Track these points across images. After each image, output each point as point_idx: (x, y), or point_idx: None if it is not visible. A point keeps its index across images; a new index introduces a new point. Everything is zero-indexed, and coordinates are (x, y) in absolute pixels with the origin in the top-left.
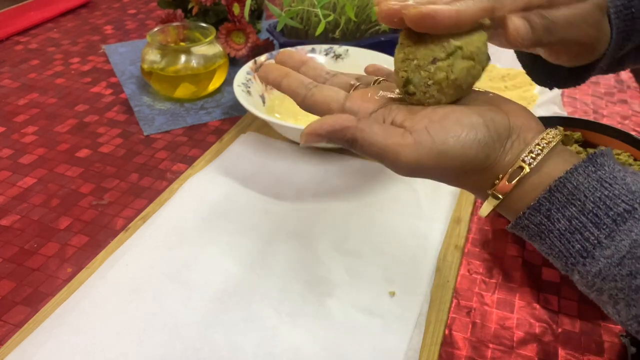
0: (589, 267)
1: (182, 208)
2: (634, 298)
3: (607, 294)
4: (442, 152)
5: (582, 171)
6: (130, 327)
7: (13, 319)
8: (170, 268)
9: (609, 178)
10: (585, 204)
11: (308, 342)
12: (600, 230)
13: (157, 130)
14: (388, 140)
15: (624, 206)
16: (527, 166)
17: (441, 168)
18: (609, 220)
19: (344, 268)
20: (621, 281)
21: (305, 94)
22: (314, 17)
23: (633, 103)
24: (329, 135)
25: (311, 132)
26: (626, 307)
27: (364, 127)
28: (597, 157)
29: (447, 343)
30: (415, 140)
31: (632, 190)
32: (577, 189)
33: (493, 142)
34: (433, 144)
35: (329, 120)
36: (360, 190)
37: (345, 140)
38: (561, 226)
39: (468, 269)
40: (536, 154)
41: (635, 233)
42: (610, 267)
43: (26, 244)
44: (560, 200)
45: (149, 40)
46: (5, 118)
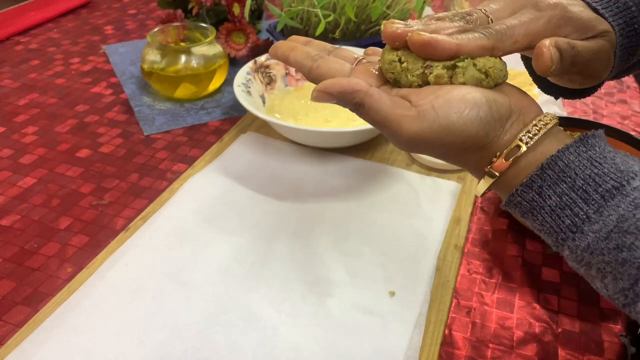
0: (578, 241)
1: (182, 208)
2: (620, 271)
3: (595, 268)
4: (445, 126)
5: (574, 150)
6: (130, 327)
7: (13, 319)
8: (170, 268)
9: (599, 157)
10: (575, 181)
11: (308, 342)
12: (589, 206)
13: (157, 130)
14: (393, 109)
15: (612, 183)
16: (524, 145)
17: (442, 143)
18: (597, 196)
19: (344, 268)
20: (608, 254)
21: (311, 66)
22: (314, 17)
23: (633, 103)
24: (339, 96)
25: (323, 89)
26: (613, 281)
27: (373, 93)
28: (589, 138)
29: (447, 343)
30: (419, 113)
31: (621, 169)
32: (568, 166)
33: (494, 121)
34: (436, 118)
35: (342, 81)
36: (360, 190)
37: (353, 103)
38: (552, 202)
39: (468, 269)
40: (533, 133)
41: (622, 208)
42: (598, 241)
43: (26, 244)
44: (552, 177)
45: (149, 41)
46: (6, 118)
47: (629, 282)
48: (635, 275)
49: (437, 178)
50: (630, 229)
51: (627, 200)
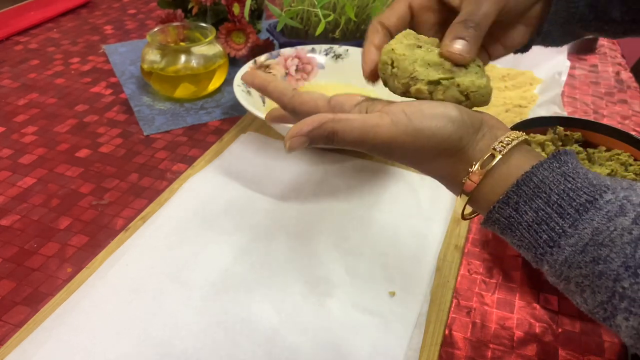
0: (556, 255)
1: (182, 208)
2: (598, 284)
3: (574, 282)
4: (419, 129)
5: (547, 166)
6: (130, 327)
7: (13, 319)
8: (170, 268)
9: (572, 173)
10: (550, 196)
11: (308, 342)
12: (564, 220)
13: (157, 130)
14: (366, 123)
15: (585, 197)
16: (498, 154)
17: (416, 147)
18: (572, 211)
19: (344, 268)
20: (585, 267)
21: (293, 94)
22: (314, 17)
23: (633, 103)
24: (309, 134)
25: (293, 135)
26: (592, 295)
27: (341, 117)
28: (561, 155)
29: (447, 343)
30: (392, 120)
31: (594, 183)
32: (543, 182)
33: (467, 127)
34: (409, 122)
35: (307, 120)
36: (360, 190)
37: (325, 135)
38: (529, 218)
39: (468, 269)
40: (506, 143)
41: (597, 221)
42: (575, 255)
43: (26, 244)
44: (527, 193)
45: (149, 40)
46: (5, 118)
47: (606, 294)
48: (612, 287)
49: None
50: (605, 242)
51: (600, 213)
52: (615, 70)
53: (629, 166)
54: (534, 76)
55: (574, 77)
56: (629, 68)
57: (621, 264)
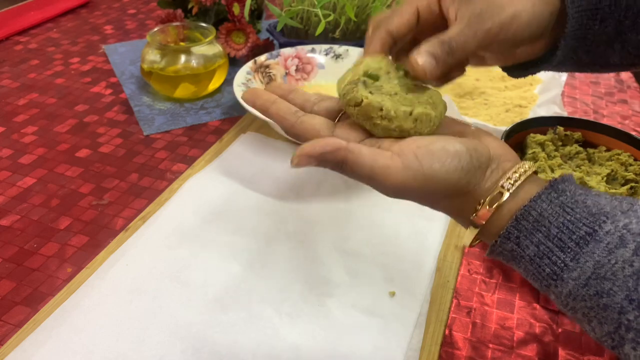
0: (560, 288)
1: (182, 208)
2: (604, 315)
3: (580, 313)
4: (428, 176)
5: (545, 198)
6: (130, 327)
7: (13, 319)
8: (170, 268)
9: (570, 203)
10: (550, 230)
11: (308, 342)
12: (565, 254)
13: (157, 130)
14: (377, 162)
15: (585, 229)
16: (506, 191)
17: (426, 191)
18: (572, 244)
19: (344, 268)
20: (589, 300)
21: (295, 121)
22: (314, 17)
23: (633, 103)
24: (320, 157)
25: (303, 154)
26: (599, 325)
27: (354, 149)
28: (559, 184)
29: (447, 343)
30: (403, 164)
31: (593, 212)
32: (542, 215)
33: (474, 170)
34: (420, 167)
35: (320, 142)
36: (361, 190)
37: (336, 162)
38: (530, 252)
39: (468, 269)
40: (514, 180)
41: (597, 254)
42: (578, 288)
43: (26, 244)
44: (527, 227)
45: (149, 40)
46: (5, 118)
47: (613, 326)
48: (617, 319)
49: None
50: (607, 275)
51: (600, 246)
52: None
53: (629, 166)
54: (534, 76)
55: (574, 77)
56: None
57: (624, 297)
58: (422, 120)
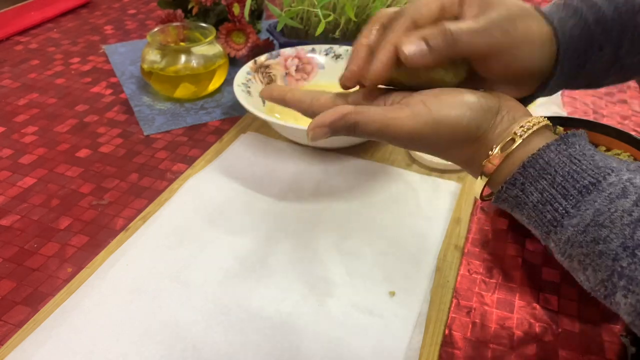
0: (559, 235)
1: (182, 208)
2: (598, 263)
3: (576, 260)
4: (438, 120)
5: (554, 148)
6: (131, 327)
7: (13, 319)
8: (170, 268)
9: (578, 155)
10: (555, 178)
11: (308, 342)
12: (567, 201)
13: (157, 130)
14: (386, 115)
15: (589, 179)
16: (518, 138)
17: (437, 137)
18: (575, 192)
19: (344, 268)
20: (586, 247)
21: (312, 100)
22: (314, 17)
23: (633, 103)
24: (332, 125)
25: (316, 125)
26: (593, 273)
27: (362, 109)
28: (569, 137)
29: (447, 343)
30: (412, 112)
31: (599, 165)
32: (548, 164)
33: (484, 113)
34: (429, 113)
35: (329, 112)
36: (360, 190)
37: (347, 126)
38: (534, 198)
39: (468, 269)
40: (527, 128)
41: (598, 203)
42: (577, 235)
43: (26, 244)
44: (533, 174)
45: (149, 40)
46: (5, 118)
47: (606, 273)
48: (611, 266)
49: (437, 178)
50: (605, 223)
51: (602, 195)
52: None
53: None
54: None
55: None
56: None
57: (620, 244)
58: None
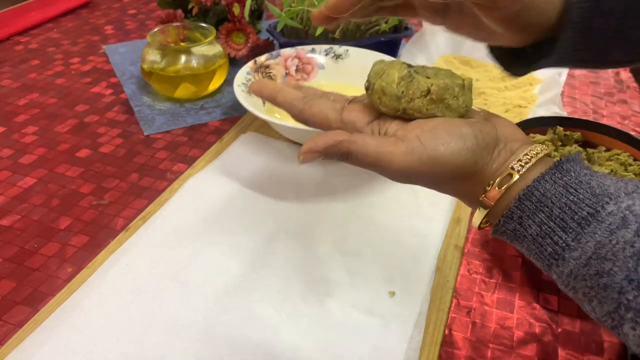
0: (561, 267)
1: (182, 208)
2: (604, 295)
3: (581, 292)
4: (433, 158)
5: (549, 178)
6: (131, 327)
7: (13, 319)
8: (170, 268)
9: (574, 183)
10: (552, 210)
11: (308, 342)
12: (567, 234)
13: (157, 130)
14: (381, 148)
15: (587, 210)
16: (516, 173)
17: (432, 173)
18: (574, 224)
19: (344, 268)
20: (590, 280)
21: (303, 106)
22: None
23: (633, 103)
24: (325, 151)
25: (308, 150)
26: (599, 304)
27: (357, 139)
28: (564, 164)
29: (447, 343)
30: (407, 148)
31: (596, 193)
32: (545, 196)
33: (481, 150)
34: (424, 150)
35: (323, 137)
36: (360, 190)
37: (340, 153)
38: (533, 232)
39: (468, 269)
40: (525, 162)
41: (599, 235)
42: (579, 268)
43: (26, 244)
44: (530, 207)
45: (149, 41)
46: (6, 118)
47: (612, 305)
48: (617, 299)
49: None
50: (607, 255)
51: (602, 226)
52: (614, 70)
53: (629, 166)
54: (533, 76)
55: (573, 77)
56: (628, 68)
57: (624, 277)
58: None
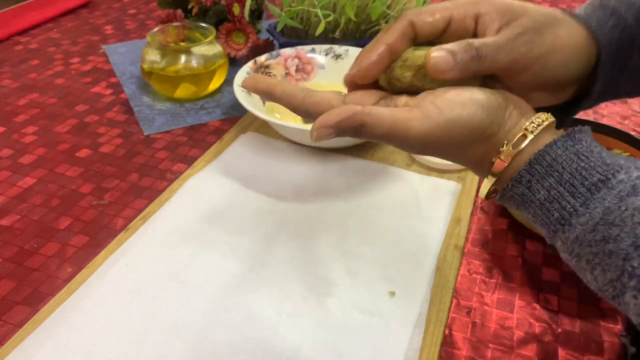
0: (567, 233)
1: (182, 208)
2: (608, 262)
3: (584, 260)
4: (450, 120)
5: (561, 144)
6: (131, 327)
7: (13, 319)
8: (170, 268)
9: (585, 151)
10: (562, 175)
11: (308, 342)
12: (576, 199)
13: (157, 130)
14: (396, 117)
15: (598, 176)
16: (530, 134)
17: (450, 137)
18: (584, 190)
19: (344, 268)
20: (596, 246)
21: (304, 96)
22: (314, 17)
23: (633, 103)
24: (337, 125)
25: (321, 125)
26: (602, 272)
27: (370, 110)
28: (576, 133)
29: (447, 343)
30: (423, 113)
31: (607, 162)
32: (555, 161)
33: (495, 109)
34: (441, 113)
35: (335, 111)
36: (360, 190)
37: (354, 127)
38: (541, 196)
39: (468, 269)
40: (537, 124)
41: (608, 201)
42: (586, 233)
43: (26, 244)
44: (540, 172)
45: (149, 40)
46: (5, 118)
47: (616, 273)
48: (621, 266)
49: (437, 178)
50: (615, 221)
51: (612, 193)
52: None
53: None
54: None
55: None
56: None
57: (631, 243)
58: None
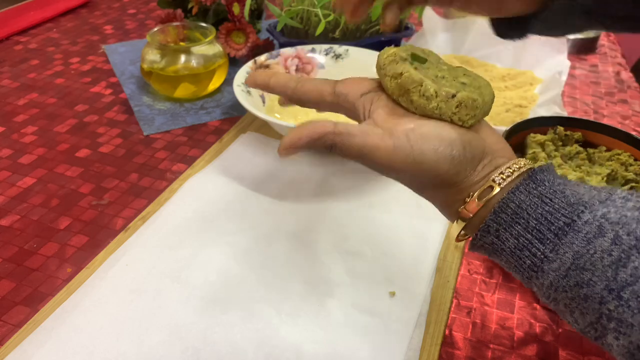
0: (541, 280)
1: (182, 208)
2: (585, 306)
3: (562, 304)
4: (418, 162)
5: (524, 189)
6: (130, 327)
7: (13, 319)
8: (170, 268)
9: (548, 193)
10: (528, 222)
11: (308, 342)
12: (545, 245)
13: (157, 130)
14: (366, 142)
15: (563, 220)
16: (497, 186)
17: (413, 175)
18: (551, 235)
19: (344, 268)
20: (570, 291)
21: (296, 85)
22: (314, 17)
23: (633, 103)
24: (308, 145)
25: (289, 144)
26: (581, 316)
27: (342, 130)
28: (537, 174)
29: (447, 343)
30: (393, 145)
31: (571, 202)
32: (520, 207)
33: (466, 162)
34: (410, 152)
35: (305, 129)
36: (360, 190)
37: (325, 146)
38: (510, 244)
39: (468, 269)
40: (506, 175)
41: (576, 244)
42: (559, 279)
43: (26, 244)
44: (506, 220)
45: (149, 40)
46: (5, 118)
47: (594, 316)
48: (598, 309)
49: None
50: (586, 266)
51: (579, 236)
52: (615, 70)
53: (629, 166)
54: (534, 76)
55: (574, 77)
56: (629, 68)
57: (604, 287)
58: (467, 105)
